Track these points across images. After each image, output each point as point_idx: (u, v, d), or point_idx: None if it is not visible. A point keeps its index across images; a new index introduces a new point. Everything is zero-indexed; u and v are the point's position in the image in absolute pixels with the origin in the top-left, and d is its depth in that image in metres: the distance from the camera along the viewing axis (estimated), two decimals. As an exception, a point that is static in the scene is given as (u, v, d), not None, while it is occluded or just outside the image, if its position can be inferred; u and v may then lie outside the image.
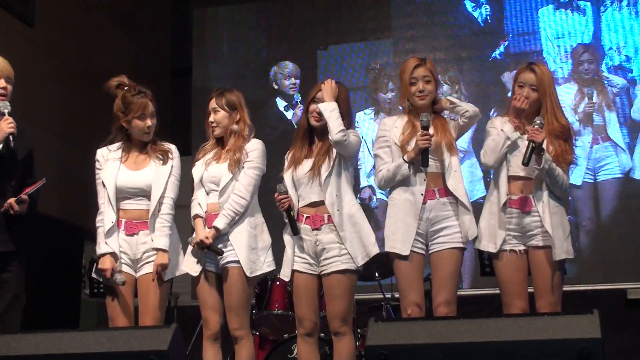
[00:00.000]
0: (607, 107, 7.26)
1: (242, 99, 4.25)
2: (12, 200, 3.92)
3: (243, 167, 4.11)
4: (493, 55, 7.58)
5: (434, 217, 3.95)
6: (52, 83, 6.85)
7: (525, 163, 3.88)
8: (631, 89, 7.26)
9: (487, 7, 7.68)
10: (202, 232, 4.06)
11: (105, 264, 4.01)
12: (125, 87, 4.21)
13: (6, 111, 3.98)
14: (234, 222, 4.07)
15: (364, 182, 7.53)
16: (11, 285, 3.94)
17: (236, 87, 4.41)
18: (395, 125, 4.11)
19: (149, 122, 4.15)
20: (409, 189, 4.00)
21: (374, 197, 7.52)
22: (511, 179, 3.99)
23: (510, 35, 7.60)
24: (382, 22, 8.00)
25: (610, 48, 7.38)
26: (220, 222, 4.04)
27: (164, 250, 4.04)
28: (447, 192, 3.99)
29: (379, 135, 4.16)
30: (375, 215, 7.38)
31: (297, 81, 8.02)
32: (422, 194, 3.96)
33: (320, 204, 3.99)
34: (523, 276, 3.95)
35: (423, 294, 3.99)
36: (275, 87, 8.10)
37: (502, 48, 7.59)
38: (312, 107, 4.06)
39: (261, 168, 4.17)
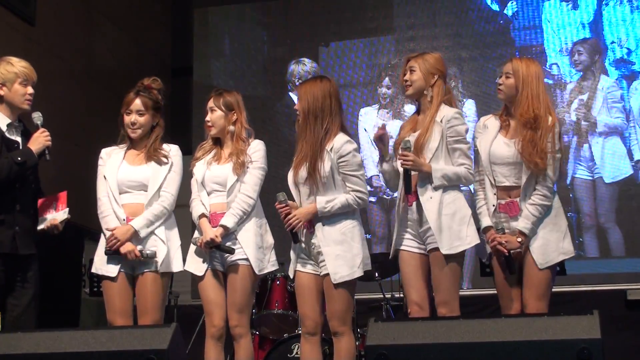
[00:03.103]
0: (603, 102, 7.27)
1: (241, 101, 4.24)
2: (58, 223, 4.02)
3: (248, 168, 4.11)
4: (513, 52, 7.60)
5: (418, 218, 3.95)
6: (53, 82, 6.84)
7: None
8: (630, 83, 7.28)
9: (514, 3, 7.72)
10: (211, 231, 4.04)
11: (129, 245, 4.01)
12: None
13: (39, 122, 4.08)
14: (241, 221, 4.07)
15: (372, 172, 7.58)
16: (32, 285, 4.02)
17: (237, 85, 4.41)
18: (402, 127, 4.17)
19: (132, 118, 4.16)
20: (400, 193, 4.05)
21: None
22: (498, 188, 3.96)
23: (521, 31, 7.64)
24: (383, 22, 8.02)
25: (613, 42, 7.39)
26: (229, 221, 4.03)
27: (132, 227, 4.03)
28: None
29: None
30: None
31: None
32: (404, 202, 4.00)
33: None
34: (515, 278, 3.93)
35: (424, 293, 3.97)
36: (299, 83, 8.03)
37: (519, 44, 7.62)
38: (296, 106, 4.06)
39: (265, 168, 4.18)
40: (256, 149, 4.17)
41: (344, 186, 3.93)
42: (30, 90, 4.09)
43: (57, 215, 4.03)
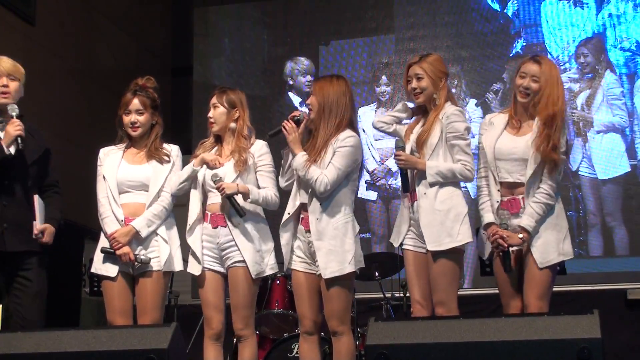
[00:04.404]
0: (606, 101, 7.26)
1: (244, 100, 4.24)
2: (42, 229, 3.98)
3: (258, 171, 4.12)
4: (514, 51, 7.60)
5: (418, 218, 3.95)
6: (53, 82, 6.85)
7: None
8: (632, 83, 7.28)
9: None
10: (238, 185, 4.04)
11: (125, 248, 4.02)
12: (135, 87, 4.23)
13: (14, 114, 4.00)
14: (263, 202, 4.07)
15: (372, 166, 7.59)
16: (33, 284, 3.98)
17: (238, 84, 4.40)
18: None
19: (132, 118, 4.16)
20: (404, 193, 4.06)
21: (388, 182, 7.58)
22: (501, 185, 3.96)
23: (522, 30, 7.64)
24: (384, 22, 8.02)
25: (615, 40, 7.39)
26: (255, 193, 4.04)
27: (134, 227, 4.04)
28: None
29: None
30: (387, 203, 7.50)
31: (312, 78, 8.03)
32: (408, 201, 4.02)
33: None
34: (516, 277, 3.94)
35: (427, 292, 3.96)
36: (291, 82, 8.09)
37: (520, 44, 7.62)
38: (308, 100, 4.07)
39: (275, 170, 4.19)
40: (264, 151, 4.18)
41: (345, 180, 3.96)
42: (2, 81, 4.01)
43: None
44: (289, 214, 4.01)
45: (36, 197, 4.03)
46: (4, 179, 3.95)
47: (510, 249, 3.85)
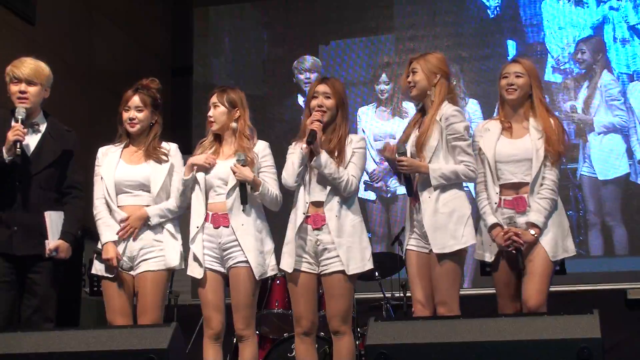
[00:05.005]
0: (604, 102, 7.27)
1: (244, 99, 4.24)
2: (55, 247, 4.00)
3: (261, 171, 4.11)
4: (513, 51, 7.61)
5: (421, 219, 3.96)
6: (53, 82, 6.83)
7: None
8: (629, 84, 7.29)
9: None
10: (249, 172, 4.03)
11: (110, 252, 4.04)
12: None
13: (20, 117, 3.98)
14: (268, 198, 4.06)
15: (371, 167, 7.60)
16: (41, 286, 3.98)
17: (237, 84, 4.39)
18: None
19: (131, 114, 4.17)
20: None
21: (387, 183, 7.59)
22: (504, 186, 3.98)
23: (522, 29, 7.65)
24: (384, 21, 8.02)
25: (615, 38, 7.39)
26: (265, 187, 4.04)
27: (147, 212, 4.06)
28: None
29: None
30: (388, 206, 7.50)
31: (312, 76, 8.01)
32: (411, 203, 4.05)
33: (322, 204, 3.98)
34: (517, 278, 3.95)
35: (429, 292, 3.97)
36: (294, 81, 8.11)
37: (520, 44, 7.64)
38: (312, 102, 4.06)
39: (277, 172, 4.20)
40: (267, 152, 4.18)
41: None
42: (21, 87, 4.03)
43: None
44: (304, 214, 3.99)
45: (47, 214, 4.02)
46: (15, 182, 3.95)
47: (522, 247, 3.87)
